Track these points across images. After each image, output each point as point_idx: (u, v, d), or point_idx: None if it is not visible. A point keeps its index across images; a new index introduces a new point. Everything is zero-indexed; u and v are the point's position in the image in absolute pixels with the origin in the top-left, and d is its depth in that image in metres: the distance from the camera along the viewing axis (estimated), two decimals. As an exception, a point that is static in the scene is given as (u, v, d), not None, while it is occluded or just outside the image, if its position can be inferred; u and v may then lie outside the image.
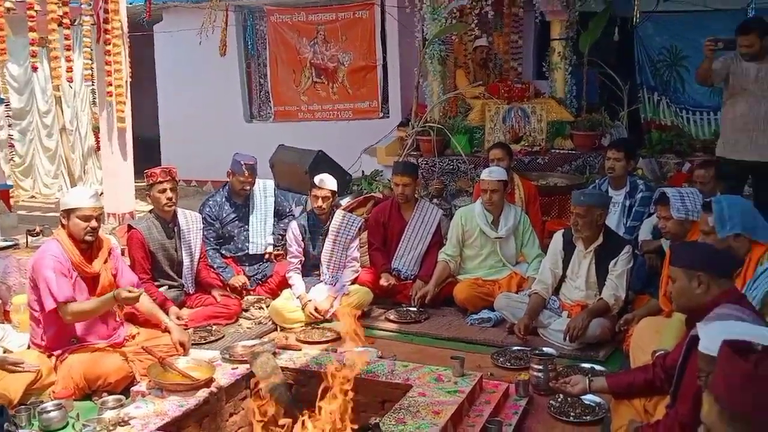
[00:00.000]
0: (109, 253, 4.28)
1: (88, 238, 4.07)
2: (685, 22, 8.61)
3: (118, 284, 4.32)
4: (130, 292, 3.98)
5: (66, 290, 3.94)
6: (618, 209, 5.44)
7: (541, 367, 3.81)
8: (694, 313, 2.79)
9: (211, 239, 5.62)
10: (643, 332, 3.80)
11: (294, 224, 5.50)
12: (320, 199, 5.39)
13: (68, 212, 4.06)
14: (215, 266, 5.52)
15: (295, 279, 5.36)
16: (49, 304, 3.91)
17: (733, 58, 5.34)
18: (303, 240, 5.47)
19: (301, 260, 5.46)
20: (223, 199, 5.76)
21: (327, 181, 5.40)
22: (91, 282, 4.16)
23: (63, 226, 4.11)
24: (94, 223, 4.06)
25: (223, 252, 5.73)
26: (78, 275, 4.09)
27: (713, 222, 3.44)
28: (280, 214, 5.98)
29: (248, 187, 5.72)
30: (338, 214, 5.55)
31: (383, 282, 5.46)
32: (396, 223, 5.70)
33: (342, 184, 7.62)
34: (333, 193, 5.46)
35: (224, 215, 5.72)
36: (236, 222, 5.75)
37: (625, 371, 3.37)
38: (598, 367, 4.08)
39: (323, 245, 5.45)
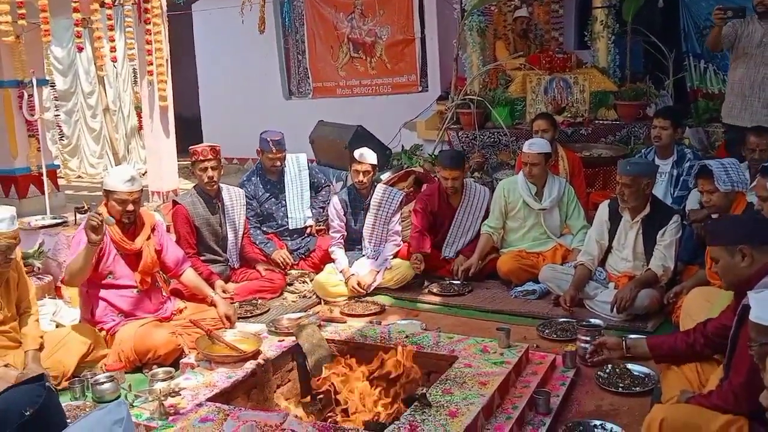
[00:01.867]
0: (153, 230, 4.34)
1: (124, 220, 4.13)
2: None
3: (163, 260, 4.39)
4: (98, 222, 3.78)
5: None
6: (665, 179, 5.32)
7: (588, 338, 3.76)
8: (743, 286, 2.73)
9: (251, 217, 5.65)
10: (694, 302, 3.73)
11: (335, 199, 5.51)
12: (361, 173, 5.38)
13: (107, 193, 4.11)
14: (257, 242, 5.56)
15: (338, 254, 5.37)
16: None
17: (742, 21, 5.42)
18: (345, 215, 5.47)
19: (343, 235, 5.47)
20: (257, 178, 5.77)
21: (367, 156, 5.38)
22: (134, 258, 4.22)
23: (105, 204, 4.18)
24: (130, 207, 4.09)
25: (265, 229, 5.76)
26: (118, 252, 4.15)
27: None
28: (316, 187, 5.97)
29: (278, 163, 5.69)
30: (379, 188, 5.54)
31: (413, 265, 5.34)
32: (445, 212, 5.60)
33: (382, 158, 7.59)
34: (373, 167, 5.44)
35: (260, 194, 5.74)
36: (272, 200, 5.77)
37: (666, 335, 3.31)
38: (646, 339, 4.02)
39: (365, 220, 5.45)
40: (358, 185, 5.43)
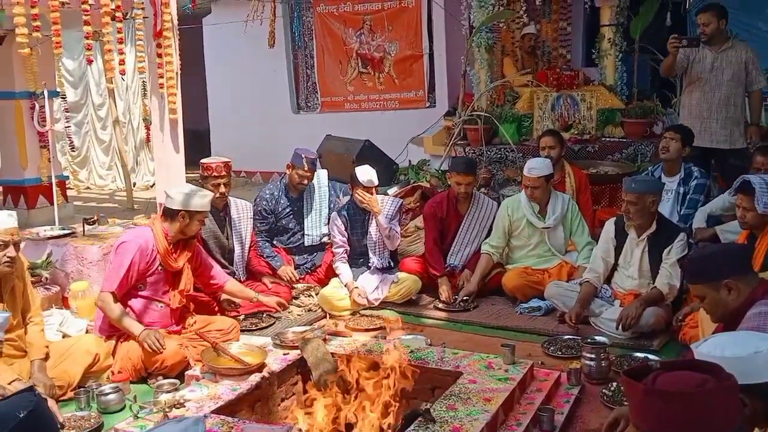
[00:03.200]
0: (194, 249, 4.42)
1: (191, 235, 4.30)
2: (740, 6, 8.33)
3: (208, 275, 4.56)
4: (157, 341, 3.92)
5: (121, 284, 4.05)
6: (671, 197, 5.32)
7: (593, 355, 3.77)
8: (733, 316, 2.71)
9: (263, 231, 5.65)
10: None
11: (335, 215, 5.51)
12: (368, 194, 5.37)
13: (192, 213, 4.19)
14: (265, 255, 5.57)
15: (342, 268, 5.38)
16: (104, 287, 4.09)
17: (695, 48, 5.84)
18: (346, 230, 5.48)
19: (346, 250, 5.45)
20: (281, 193, 5.74)
21: (375, 180, 5.38)
22: (172, 276, 4.27)
23: (169, 219, 4.21)
24: (202, 225, 4.38)
25: (275, 243, 5.76)
26: (161, 266, 4.20)
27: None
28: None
29: (306, 182, 5.67)
30: (378, 199, 5.48)
31: (444, 296, 5.28)
32: (453, 218, 5.62)
33: (389, 173, 7.63)
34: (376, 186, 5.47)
35: (280, 209, 5.72)
36: (291, 216, 5.76)
37: None
38: (652, 357, 4.01)
39: (366, 232, 5.45)
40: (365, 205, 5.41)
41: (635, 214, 4.47)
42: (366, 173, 5.36)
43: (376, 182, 5.41)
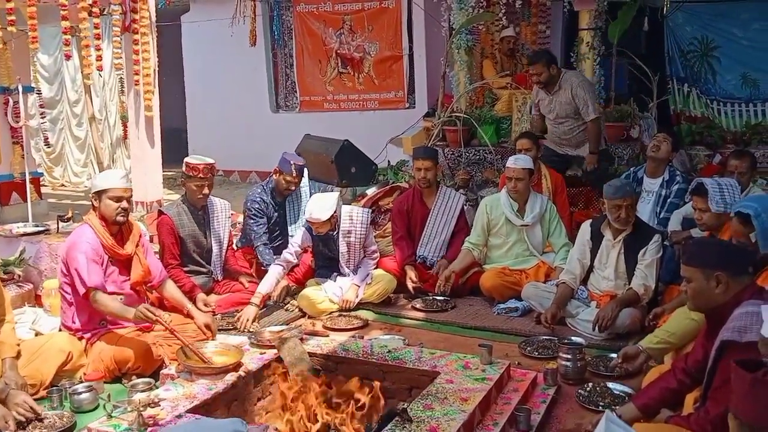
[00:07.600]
0: (139, 238, 4.34)
1: (119, 218, 4.13)
2: (716, 12, 8.50)
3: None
4: (150, 312, 3.89)
5: (96, 277, 4.00)
6: (652, 198, 5.38)
7: (569, 356, 3.79)
8: (713, 312, 2.74)
9: (262, 233, 5.50)
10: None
11: (305, 231, 5.25)
12: (316, 228, 5.12)
13: (99, 194, 4.12)
14: (264, 263, 5.35)
15: (271, 272, 5.02)
16: (81, 290, 4.00)
17: (537, 93, 6.40)
18: (315, 246, 5.31)
19: (290, 262, 5.16)
20: (269, 198, 5.67)
21: (316, 214, 4.98)
22: (124, 264, 4.23)
23: (94, 208, 4.17)
24: (125, 204, 4.13)
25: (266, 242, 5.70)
26: (110, 258, 4.16)
27: (754, 238, 3.37)
28: None
29: (293, 188, 5.63)
30: (345, 214, 5.27)
31: (409, 283, 5.33)
32: (419, 211, 5.69)
33: (368, 173, 7.63)
34: (330, 218, 5.05)
35: (271, 213, 5.68)
36: (279, 221, 5.73)
37: (648, 389, 3.11)
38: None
39: (337, 246, 5.28)
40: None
41: (628, 214, 4.51)
42: (310, 206, 5.05)
43: (322, 217, 4.98)
